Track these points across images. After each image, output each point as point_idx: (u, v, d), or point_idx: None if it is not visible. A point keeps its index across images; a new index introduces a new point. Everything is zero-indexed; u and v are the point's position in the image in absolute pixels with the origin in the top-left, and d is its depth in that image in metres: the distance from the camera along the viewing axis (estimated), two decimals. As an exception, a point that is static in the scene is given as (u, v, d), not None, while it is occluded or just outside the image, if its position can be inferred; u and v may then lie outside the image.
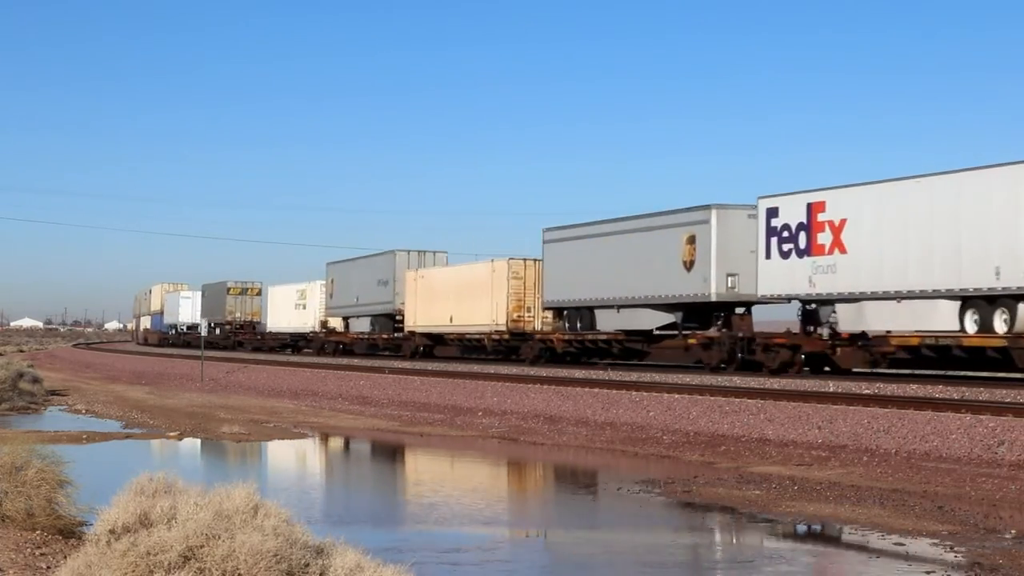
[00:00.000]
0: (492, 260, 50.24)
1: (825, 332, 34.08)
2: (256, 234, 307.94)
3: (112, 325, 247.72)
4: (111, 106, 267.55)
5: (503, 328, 48.96)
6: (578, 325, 44.18)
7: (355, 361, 54.21)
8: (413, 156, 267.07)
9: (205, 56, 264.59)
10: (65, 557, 9.56)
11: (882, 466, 19.84)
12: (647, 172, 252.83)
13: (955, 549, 12.79)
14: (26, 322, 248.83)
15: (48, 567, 9.99)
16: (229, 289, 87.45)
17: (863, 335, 33.17)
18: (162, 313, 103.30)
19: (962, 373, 32.48)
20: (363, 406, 35.04)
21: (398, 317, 58.32)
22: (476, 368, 44.41)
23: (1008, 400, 23.94)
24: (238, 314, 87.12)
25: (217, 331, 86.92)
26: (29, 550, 10.73)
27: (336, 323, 67.85)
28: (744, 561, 12.35)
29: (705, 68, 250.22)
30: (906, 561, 12.54)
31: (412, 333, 56.36)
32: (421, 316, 55.17)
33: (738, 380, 31.50)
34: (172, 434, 26.35)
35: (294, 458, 24.22)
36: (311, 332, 71.97)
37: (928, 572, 11.80)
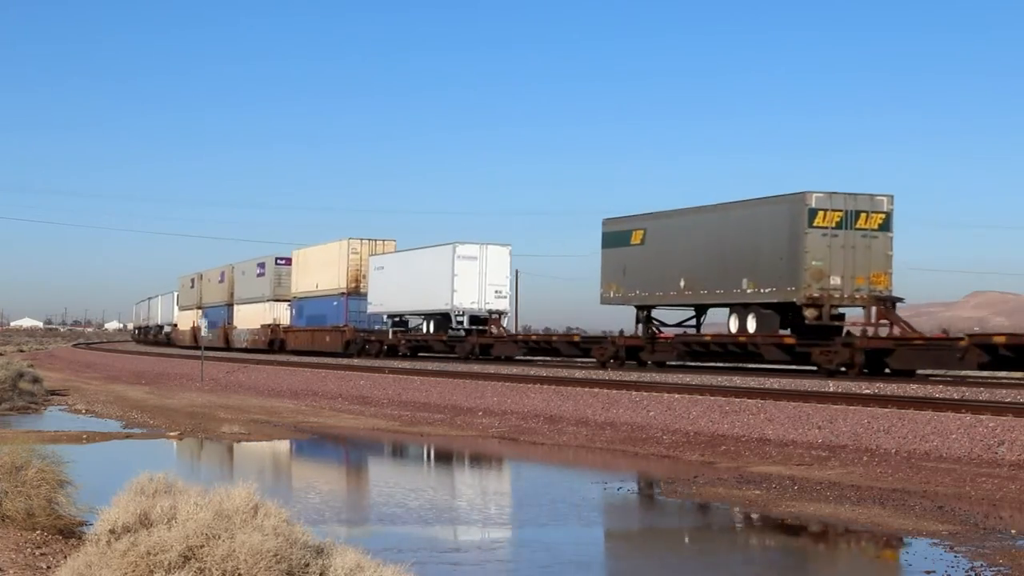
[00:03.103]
0: None
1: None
2: (257, 234, 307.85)
3: (112, 325, 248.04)
4: (111, 106, 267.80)
5: None
6: None
7: (355, 361, 54.17)
8: (413, 156, 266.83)
9: (205, 56, 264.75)
10: (65, 557, 9.56)
11: (882, 466, 19.84)
12: (645, 172, 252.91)
13: (955, 549, 12.79)
14: (26, 322, 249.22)
15: (48, 567, 9.99)
16: (816, 214, 34.66)
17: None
18: (352, 294, 63.04)
19: (965, 373, 32.62)
20: (363, 406, 35.04)
21: None
22: (476, 368, 44.40)
23: (1008, 400, 23.97)
24: (837, 280, 34.74)
25: (750, 323, 37.06)
26: (29, 550, 10.73)
27: None
28: (746, 561, 12.35)
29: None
30: (906, 561, 12.54)
31: None
32: None
33: (738, 380, 31.51)
34: (172, 434, 26.34)
35: (294, 458, 24.22)
36: None
37: (928, 572, 11.80)
